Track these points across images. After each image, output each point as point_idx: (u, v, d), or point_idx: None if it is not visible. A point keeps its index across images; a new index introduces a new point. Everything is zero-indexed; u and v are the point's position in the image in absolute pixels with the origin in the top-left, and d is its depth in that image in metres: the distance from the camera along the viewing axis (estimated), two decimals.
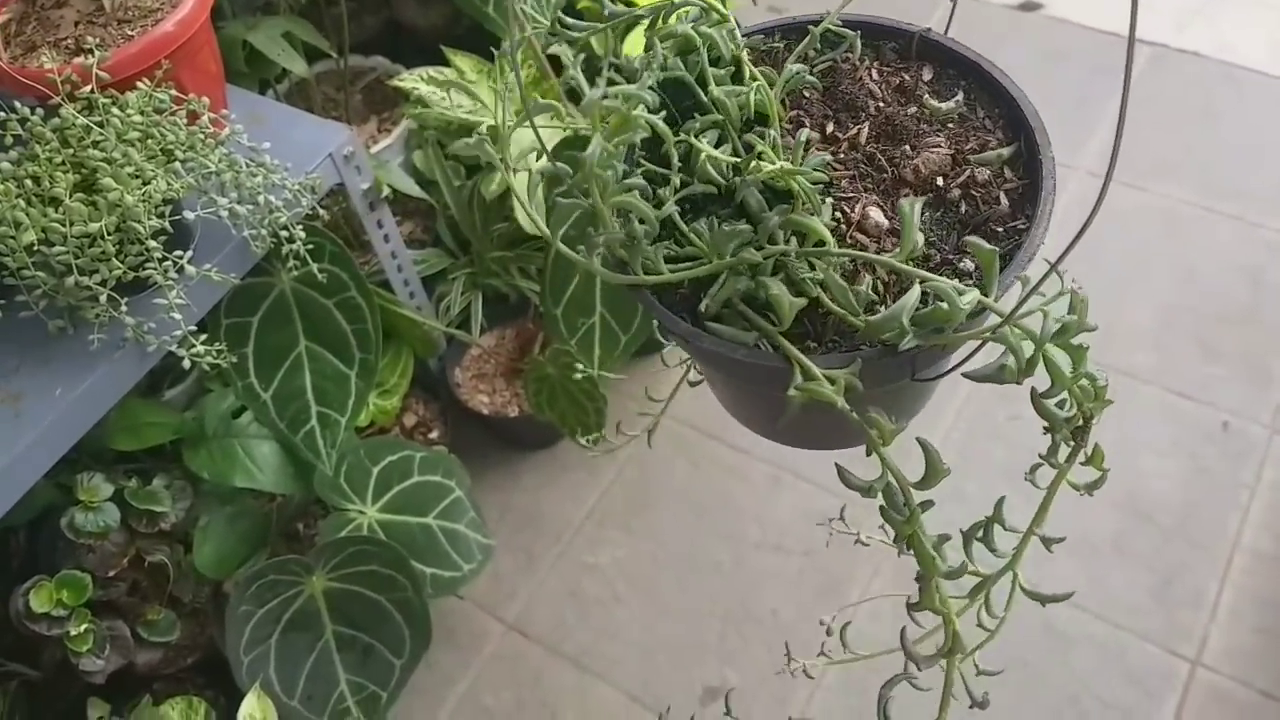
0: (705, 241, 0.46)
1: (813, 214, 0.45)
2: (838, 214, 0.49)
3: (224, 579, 1.26)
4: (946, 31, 0.56)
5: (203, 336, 1.01)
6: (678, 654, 1.43)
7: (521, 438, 1.63)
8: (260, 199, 1.03)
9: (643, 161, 0.53)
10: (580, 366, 1.28)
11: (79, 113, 0.95)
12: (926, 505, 0.45)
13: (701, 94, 0.51)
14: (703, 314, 0.47)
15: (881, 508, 0.45)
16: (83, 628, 1.11)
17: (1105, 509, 1.48)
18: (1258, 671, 1.33)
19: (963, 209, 0.49)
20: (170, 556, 1.18)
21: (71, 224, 0.92)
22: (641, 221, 0.47)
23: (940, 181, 0.50)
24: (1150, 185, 1.85)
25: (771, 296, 0.43)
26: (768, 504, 1.55)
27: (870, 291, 0.45)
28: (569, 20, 0.52)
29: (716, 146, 0.49)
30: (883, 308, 0.44)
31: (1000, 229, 0.48)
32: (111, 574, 1.14)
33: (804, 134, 0.48)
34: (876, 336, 0.44)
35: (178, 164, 0.97)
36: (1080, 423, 0.47)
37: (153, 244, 0.94)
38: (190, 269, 0.98)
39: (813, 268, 0.45)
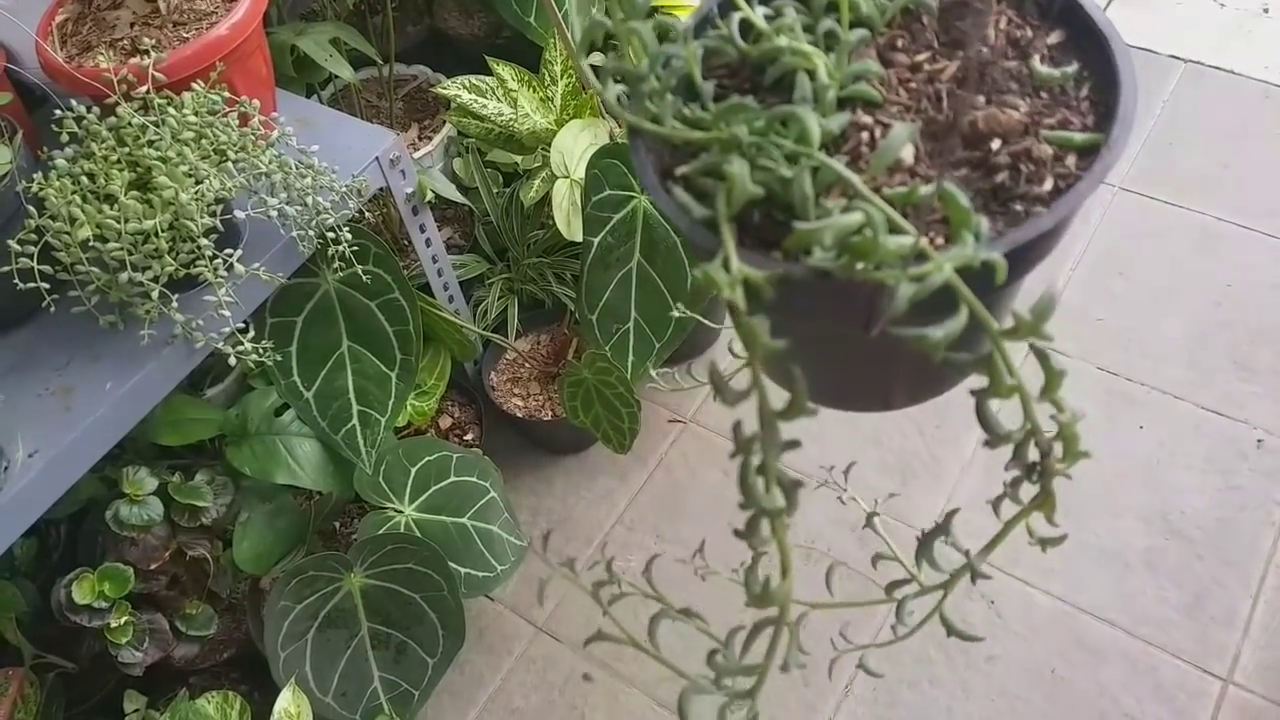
0: (715, 111, 0.42)
1: (823, 115, 0.42)
2: (864, 133, 0.45)
3: (262, 575, 1.28)
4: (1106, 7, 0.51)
5: (249, 334, 1.03)
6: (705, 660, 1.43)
7: (554, 442, 1.65)
8: (309, 200, 1.05)
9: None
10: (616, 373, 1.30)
11: (135, 112, 0.97)
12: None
13: None
14: (680, 179, 0.44)
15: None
16: (123, 620, 1.13)
17: (1137, 524, 1.48)
18: None
19: (1000, 177, 0.44)
20: (210, 551, 1.20)
21: (126, 221, 0.94)
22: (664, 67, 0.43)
23: (995, 144, 0.45)
24: (1186, 202, 1.85)
25: (727, 172, 0.40)
26: (798, 511, 1.55)
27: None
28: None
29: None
30: None
31: (1023, 209, 0.43)
32: (153, 567, 1.16)
33: (857, 34, 0.45)
34: (800, 248, 0.39)
35: (230, 164, 0.99)
36: (1039, 459, 0.41)
37: (204, 242, 0.96)
38: (239, 267, 1.00)
39: (793, 163, 0.41)
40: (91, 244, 0.94)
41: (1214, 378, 1.62)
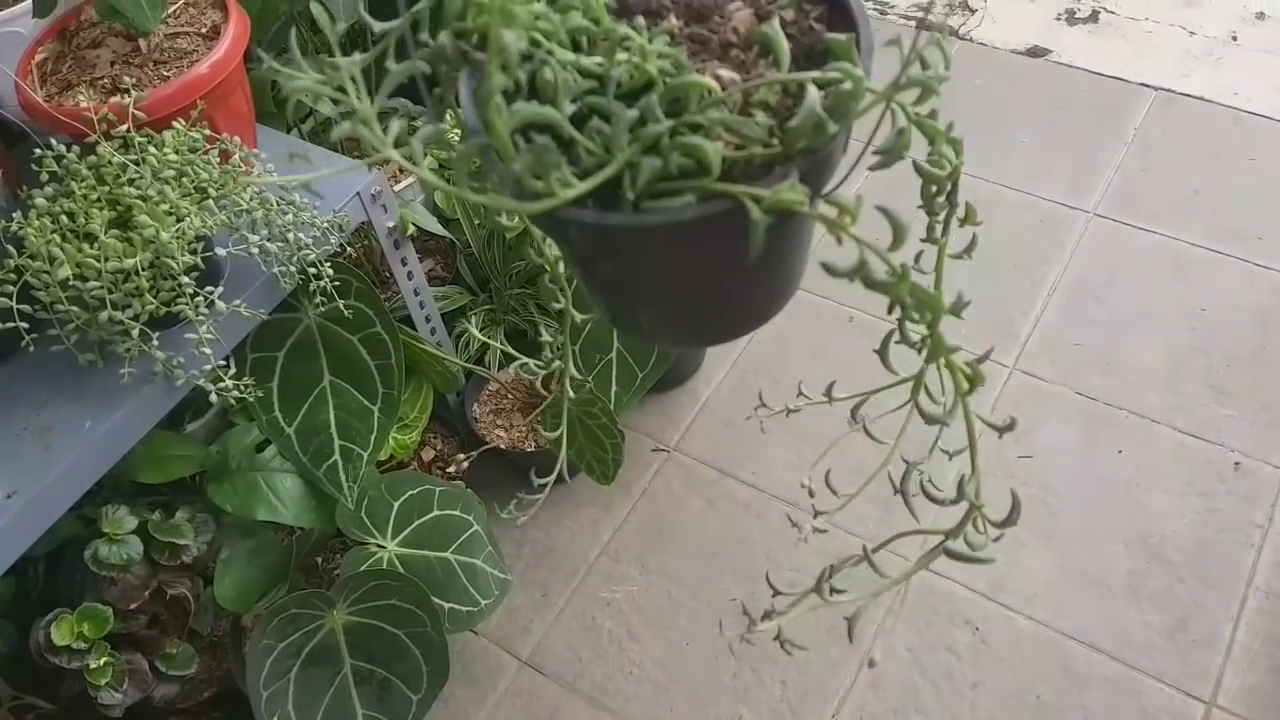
0: (602, 142, 0.45)
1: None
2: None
3: (244, 612, 1.27)
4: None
5: (230, 371, 1.03)
6: (692, 691, 1.43)
7: (538, 473, 1.64)
8: (290, 236, 1.05)
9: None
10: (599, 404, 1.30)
11: (116, 150, 0.97)
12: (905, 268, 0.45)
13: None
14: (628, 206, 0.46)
15: (867, 282, 0.44)
16: (102, 661, 1.11)
17: (1118, 548, 1.49)
18: (1274, 713, 1.33)
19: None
20: (190, 589, 1.19)
21: (106, 259, 0.93)
22: (545, 130, 0.45)
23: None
24: (1159, 228, 1.87)
25: (694, 148, 0.43)
26: (783, 541, 1.55)
27: (764, 123, 0.45)
28: None
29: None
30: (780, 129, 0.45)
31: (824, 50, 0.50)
32: (132, 607, 1.14)
33: (638, 19, 0.49)
34: (795, 145, 0.44)
35: (210, 201, 0.99)
36: (951, 183, 0.51)
37: (185, 280, 0.96)
38: (221, 305, 1.00)
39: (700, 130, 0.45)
40: (71, 283, 0.93)
41: (1191, 401, 1.64)
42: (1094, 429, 1.63)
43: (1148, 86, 2.12)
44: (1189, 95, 2.09)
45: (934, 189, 0.53)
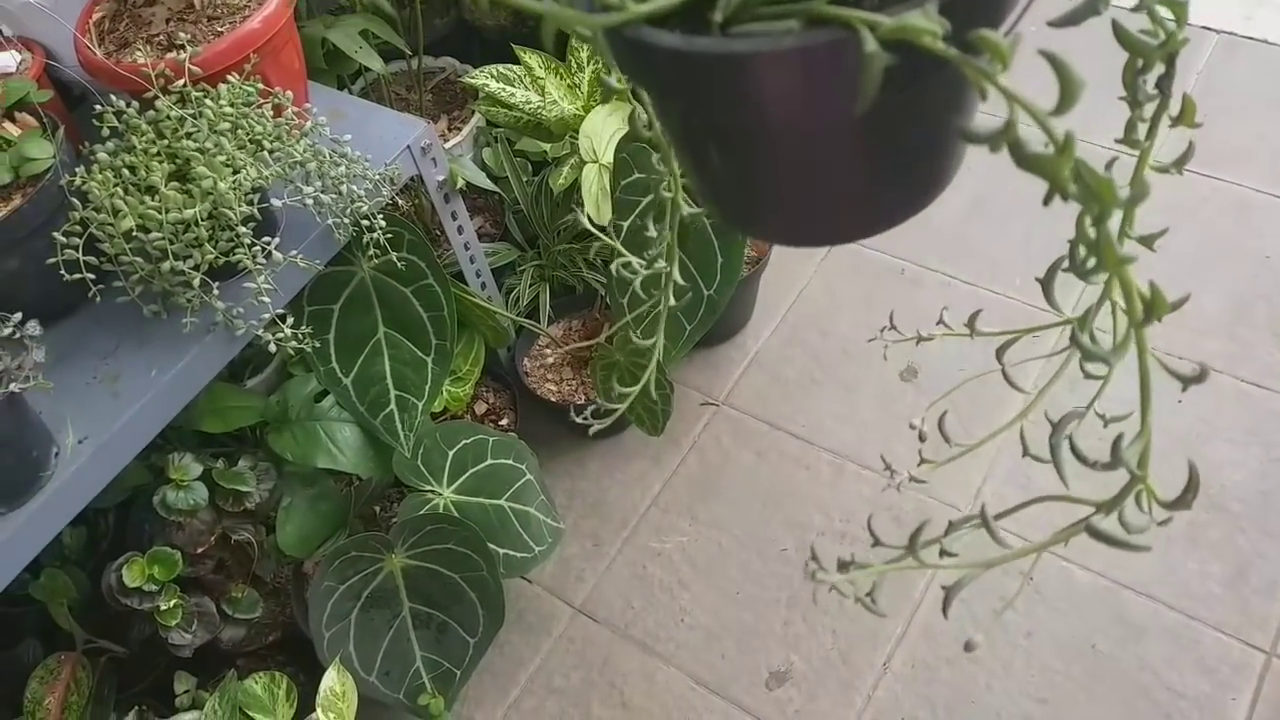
0: None
1: None
2: None
3: (305, 558, 1.30)
4: None
5: (288, 321, 1.05)
6: (743, 639, 1.44)
7: (588, 425, 1.66)
8: (343, 188, 1.06)
9: None
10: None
11: (173, 105, 1.00)
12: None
13: None
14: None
15: (1016, 154, 0.33)
16: (172, 603, 1.15)
17: None
18: None
19: None
20: (254, 536, 1.22)
21: (167, 211, 0.96)
22: None
23: None
24: (1222, 173, 1.83)
25: None
26: (833, 492, 1.56)
27: None
28: None
29: None
30: None
31: None
32: (199, 551, 1.18)
33: None
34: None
35: (265, 154, 1.01)
36: (1166, 60, 0.37)
37: (243, 230, 0.98)
38: (278, 255, 1.02)
39: None
40: (134, 234, 0.96)
41: (1253, 350, 1.60)
42: (1154, 379, 1.60)
43: (1210, 30, 2.06)
44: (1252, 38, 2.03)
45: (1140, 65, 0.39)
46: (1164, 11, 0.37)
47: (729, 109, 0.39)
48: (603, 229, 1.40)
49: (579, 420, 0.78)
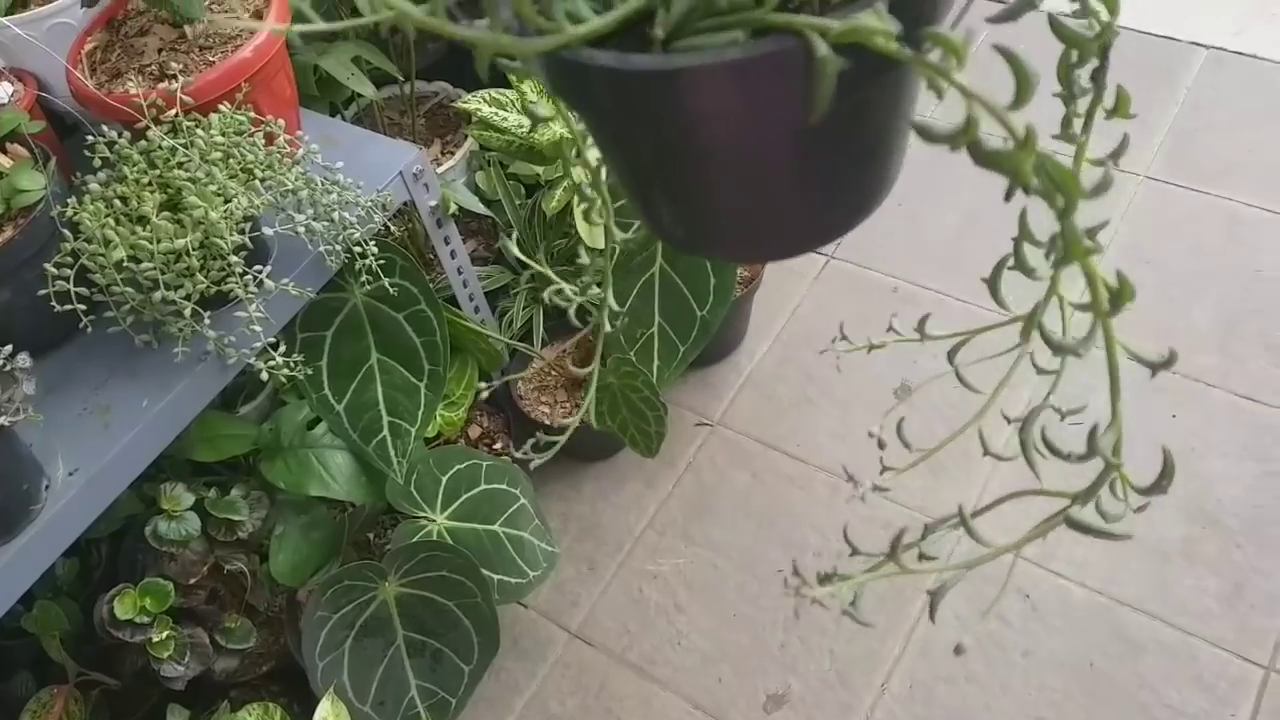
0: None
1: None
2: None
3: (298, 587, 1.30)
4: None
5: (280, 349, 1.05)
6: (740, 661, 1.44)
7: (582, 448, 1.66)
8: (335, 215, 1.06)
9: None
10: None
11: (165, 135, 1.00)
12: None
13: None
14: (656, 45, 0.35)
15: (975, 152, 0.32)
16: (164, 634, 1.15)
17: (1174, 514, 1.46)
18: None
19: None
20: (247, 565, 1.22)
21: (158, 240, 0.96)
22: None
23: None
24: (1212, 188, 1.83)
25: None
26: (828, 511, 1.55)
27: None
28: None
29: None
30: None
31: None
32: (192, 582, 1.18)
33: None
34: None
35: (257, 182, 1.01)
36: (1099, 53, 0.37)
37: (234, 259, 0.98)
38: (269, 283, 1.02)
39: None
40: (126, 264, 0.96)
41: (1246, 364, 1.60)
42: (1147, 394, 1.60)
43: (1199, 45, 2.07)
44: (1241, 53, 2.04)
45: (1075, 58, 0.40)
46: (1096, 4, 0.37)
47: (675, 129, 0.38)
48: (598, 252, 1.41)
49: (519, 456, 0.79)
